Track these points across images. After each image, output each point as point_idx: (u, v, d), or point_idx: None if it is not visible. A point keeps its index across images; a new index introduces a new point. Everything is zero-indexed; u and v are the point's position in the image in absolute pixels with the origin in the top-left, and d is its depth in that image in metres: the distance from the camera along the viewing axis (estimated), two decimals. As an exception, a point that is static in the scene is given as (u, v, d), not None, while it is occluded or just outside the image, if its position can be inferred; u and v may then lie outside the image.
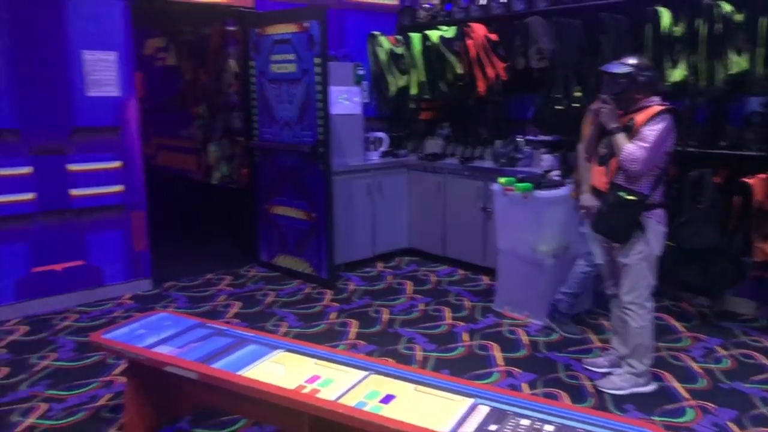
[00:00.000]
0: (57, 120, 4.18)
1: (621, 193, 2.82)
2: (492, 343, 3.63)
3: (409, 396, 2.09)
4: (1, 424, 2.77)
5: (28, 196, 4.11)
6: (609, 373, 3.12)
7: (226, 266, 5.17)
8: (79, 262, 4.36)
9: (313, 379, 2.23)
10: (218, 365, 2.36)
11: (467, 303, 4.31)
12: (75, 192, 4.29)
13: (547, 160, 4.49)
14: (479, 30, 4.96)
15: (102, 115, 4.35)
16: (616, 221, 2.85)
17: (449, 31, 5.19)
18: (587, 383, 3.12)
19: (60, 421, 2.81)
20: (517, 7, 4.93)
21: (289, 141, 4.76)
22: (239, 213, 5.88)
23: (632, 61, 2.88)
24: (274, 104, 4.87)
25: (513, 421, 1.91)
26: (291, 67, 4.67)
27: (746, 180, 3.57)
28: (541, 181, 3.90)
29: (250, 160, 5.27)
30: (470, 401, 2.03)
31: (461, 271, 5.02)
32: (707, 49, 3.77)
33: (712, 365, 3.29)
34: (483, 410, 1.98)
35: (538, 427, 1.87)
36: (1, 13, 3.89)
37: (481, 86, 4.98)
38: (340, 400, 2.07)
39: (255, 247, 5.25)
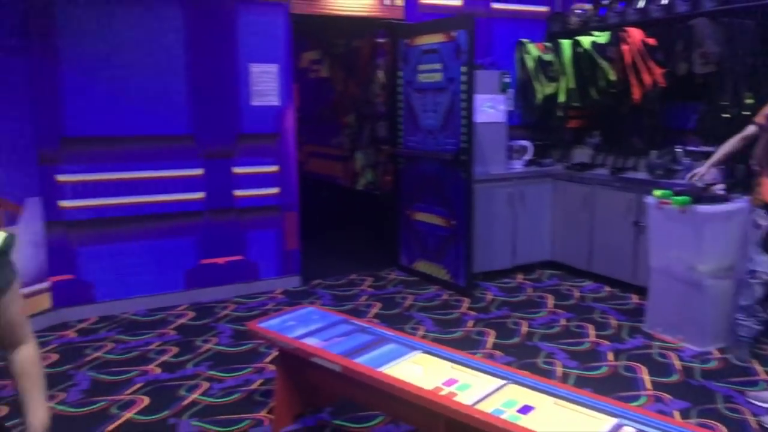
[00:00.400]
0: (226, 127, 4.62)
1: None
2: (640, 365, 3.41)
3: (548, 409, 2.05)
4: (170, 397, 3.12)
5: (199, 195, 4.58)
6: (778, 410, 2.81)
7: (368, 268, 5.37)
8: (239, 257, 4.77)
9: (450, 382, 2.26)
10: (360, 360, 2.46)
11: (613, 321, 4.09)
12: (238, 193, 4.71)
13: (710, 172, 4.13)
14: (636, 34, 4.71)
15: (263, 123, 4.74)
16: None
17: (602, 37, 4.99)
18: (750, 419, 2.82)
19: (218, 399, 3.10)
20: (679, 9, 4.60)
21: (432, 149, 4.84)
22: (382, 218, 6.09)
23: None
24: (419, 113, 4.99)
25: (663, 447, 1.79)
26: (437, 77, 4.75)
27: None
28: (702, 195, 3.60)
29: (394, 167, 5.43)
30: (614, 421, 1.94)
31: (608, 288, 4.77)
32: None
33: None
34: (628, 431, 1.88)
35: (692, 456, 1.74)
36: (181, 31, 4.40)
37: (636, 93, 4.73)
38: (477, 406, 2.07)
39: (396, 252, 5.40)
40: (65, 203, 4.18)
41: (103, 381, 3.30)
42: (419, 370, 2.38)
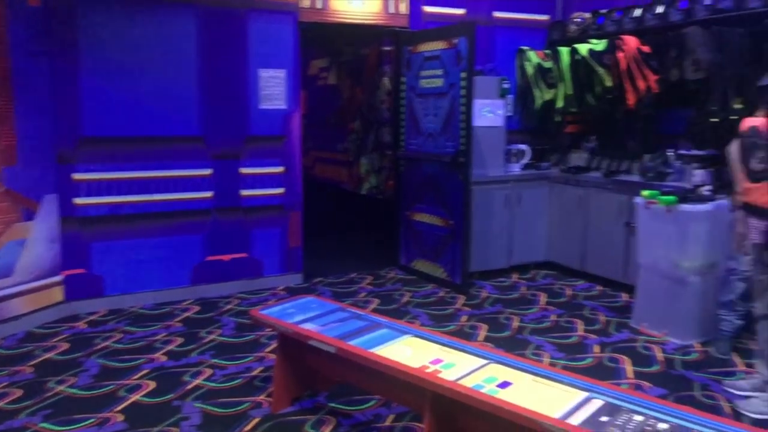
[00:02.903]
0: (234, 129, 4.81)
1: None
2: (623, 356, 3.55)
3: (526, 384, 2.19)
4: (175, 382, 3.28)
5: (208, 194, 4.76)
6: (752, 397, 2.92)
7: (368, 267, 5.53)
8: (243, 255, 4.94)
9: (436, 361, 2.41)
10: (354, 342, 2.62)
11: (602, 318, 4.23)
12: (244, 192, 4.89)
13: (699, 175, 4.27)
14: (631, 42, 4.86)
15: (270, 126, 4.92)
16: None
17: (599, 45, 5.14)
18: (725, 404, 2.95)
19: (221, 384, 3.25)
20: (673, 18, 4.75)
21: (431, 151, 5.01)
22: (384, 221, 6.25)
23: None
24: (420, 117, 5.16)
25: (626, 415, 1.93)
26: (438, 82, 4.93)
27: None
28: (687, 195, 3.74)
29: (396, 170, 5.60)
30: (585, 394, 2.08)
31: (600, 287, 4.90)
32: None
33: None
34: (596, 403, 2.02)
35: (652, 424, 1.88)
36: (194, 37, 4.60)
37: (631, 99, 4.87)
38: (460, 382, 2.23)
39: (396, 251, 5.55)
40: (80, 200, 4.37)
41: (112, 367, 3.47)
42: (408, 351, 2.53)
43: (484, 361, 2.39)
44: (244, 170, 4.87)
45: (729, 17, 4.33)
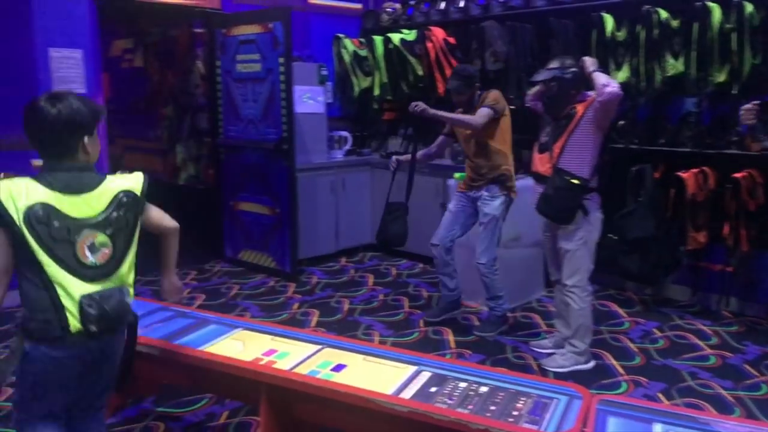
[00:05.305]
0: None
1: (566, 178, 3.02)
2: (446, 328, 3.81)
3: (359, 365, 2.25)
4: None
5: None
6: (553, 353, 3.32)
7: (191, 263, 5.23)
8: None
9: (270, 352, 2.37)
10: (180, 342, 2.48)
11: (425, 293, 4.49)
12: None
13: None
14: (438, 33, 5.16)
15: (68, 112, 4.40)
16: (562, 204, 3.04)
17: (410, 35, 5.39)
18: (532, 362, 3.32)
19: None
20: (473, 12, 5.14)
21: (253, 138, 4.88)
22: (206, 212, 5.95)
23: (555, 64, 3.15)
24: (239, 103, 5.00)
25: (452, 383, 2.08)
26: (256, 67, 4.80)
27: (681, 174, 3.83)
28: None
29: (216, 158, 5.37)
30: (414, 368, 2.20)
31: (421, 265, 5.19)
32: (647, 53, 4.03)
33: (648, 345, 3.53)
34: (425, 375, 2.14)
35: (474, 388, 2.05)
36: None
37: (440, 87, 5.18)
38: (295, 370, 2.22)
39: (220, 244, 5.34)
40: None
41: None
42: (240, 345, 2.46)
43: (318, 347, 2.41)
44: (37, 162, 4.30)
45: (520, 14, 4.80)
